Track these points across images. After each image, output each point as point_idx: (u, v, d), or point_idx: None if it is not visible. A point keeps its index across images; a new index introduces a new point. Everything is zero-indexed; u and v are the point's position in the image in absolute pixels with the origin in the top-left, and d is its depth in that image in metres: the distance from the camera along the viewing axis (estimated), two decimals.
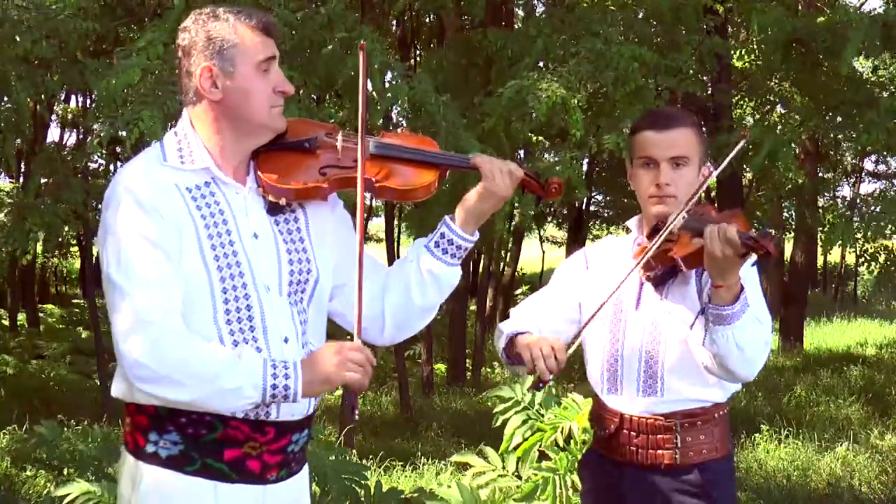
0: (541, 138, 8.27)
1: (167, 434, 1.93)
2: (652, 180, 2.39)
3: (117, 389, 1.99)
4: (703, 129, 2.53)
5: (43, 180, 8.10)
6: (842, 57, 6.95)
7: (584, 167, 7.23)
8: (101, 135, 5.43)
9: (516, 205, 6.78)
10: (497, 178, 2.08)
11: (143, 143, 5.43)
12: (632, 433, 2.41)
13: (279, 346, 2.00)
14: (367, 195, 2.12)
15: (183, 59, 2.00)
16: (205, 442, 1.93)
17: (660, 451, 2.37)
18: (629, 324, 2.44)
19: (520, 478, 4.09)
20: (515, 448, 4.07)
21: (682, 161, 2.37)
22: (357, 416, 2.23)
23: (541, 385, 2.26)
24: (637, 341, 2.41)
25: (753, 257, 2.10)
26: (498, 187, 2.08)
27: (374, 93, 7.71)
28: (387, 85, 6.44)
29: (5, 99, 6.45)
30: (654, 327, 2.39)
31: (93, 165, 13.65)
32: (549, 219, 21.27)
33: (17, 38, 6.03)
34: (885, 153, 14.07)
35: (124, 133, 5.40)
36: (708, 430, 2.37)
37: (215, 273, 1.93)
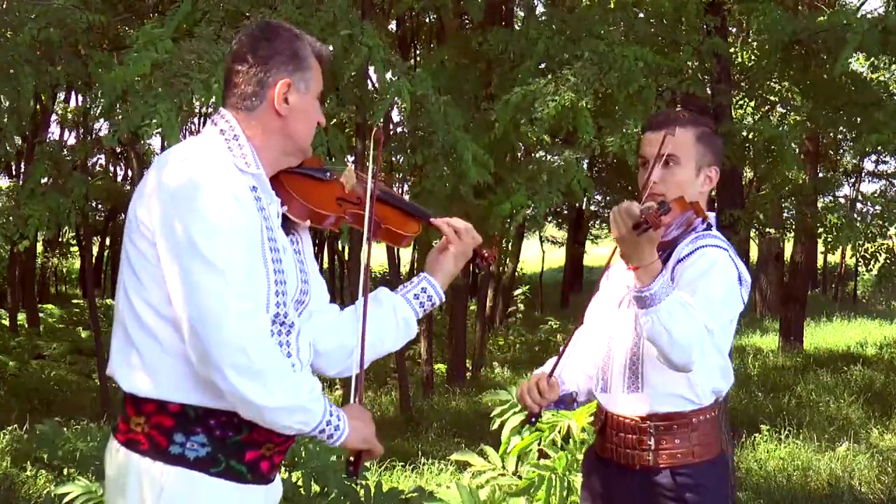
0: (545, 138, 8.24)
1: (195, 436, 1.91)
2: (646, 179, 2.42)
3: (137, 385, 1.93)
4: (710, 132, 2.51)
5: (44, 180, 8.09)
6: (838, 58, 6.94)
7: (584, 167, 7.17)
8: (119, 128, 5.36)
9: (531, 202, 6.73)
10: (465, 240, 2.30)
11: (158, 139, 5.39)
12: (613, 432, 2.48)
13: (307, 351, 2.08)
14: (361, 229, 2.28)
15: (255, 65, 2.00)
16: (230, 443, 1.94)
17: (636, 452, 2.42)
18: (619, 320, 2.50)
19: (520, 477, 4.09)
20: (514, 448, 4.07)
21: (673, 160, 2.38)
22: (357, 481, 2.40)
23: (532, 420, 2.50)
24: (625, 337, 2.47)
25: (648, 230, 2.09)
26: (467, 248, 2.31)
27: (374, 92, 7.72)
28: (387, 83, 6.43)
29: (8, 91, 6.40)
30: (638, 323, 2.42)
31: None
32: (550, 219, 21.28)
33: (25, 26, 6.00)
34: (889, 152, 14.06)
35: (136, 128, 5.36)
36: (684, 435, 2.40)
37: (272, 276, 1.96)
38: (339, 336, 2.19)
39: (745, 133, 8.56)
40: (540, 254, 23.15)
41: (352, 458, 2.08)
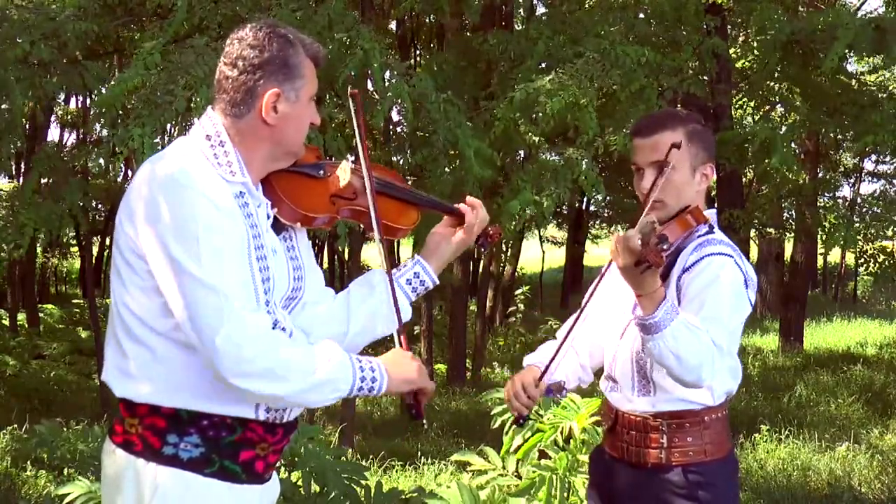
0: (542, 140, 8.24)
1: (188, 436, 1.91)
2: (643, 188, 2.42)
3: (130, 391, 1.93)
4: (700, 129, 2.49)
5: (43, 180, 8.07)
6: (828, 55, 6.94)
7: (590, 164, 7.13)
8: (102, 153, 5.45)
9: (539, 198, 6.71)
10: (476, 228, 2.28)
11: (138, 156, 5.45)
12: (624, 430, 2.48)
13: None
14: (359, 224, 2.25)
15: (246, 73, 1.96)
16: (224, 444, 1.94)
17: (647, 450, 2.42)
18: (627, 327, 2.48)
19: (520, 477, 4.09)
20: (516, 450, 4.07)
21: (665, 165, 2.37)
22: (425, 424, 2.29)
23: (521, 421, 2.49)
24: (631, 343, 2.46)
25: (650, 267, 2.07)
26: (473, 237, 2.29)
27: (374, 93, 7.72)
28: (386, 84, 6.43)
29: (4, 103, 6.40)
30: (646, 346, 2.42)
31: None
32: (550, 218, 21.29)
33: (17, 40, 5.98)
34: (887, 153, 14.07)
35: (119, 150, 5.40)
36: (696, 433, 2.40)
37: (260, 285, 1.94)
38: (331, 325, 2.17)
39: (743, 133, 8.60)
40: (540, 254, 23.16)
41: (409, 403, 2.03)
